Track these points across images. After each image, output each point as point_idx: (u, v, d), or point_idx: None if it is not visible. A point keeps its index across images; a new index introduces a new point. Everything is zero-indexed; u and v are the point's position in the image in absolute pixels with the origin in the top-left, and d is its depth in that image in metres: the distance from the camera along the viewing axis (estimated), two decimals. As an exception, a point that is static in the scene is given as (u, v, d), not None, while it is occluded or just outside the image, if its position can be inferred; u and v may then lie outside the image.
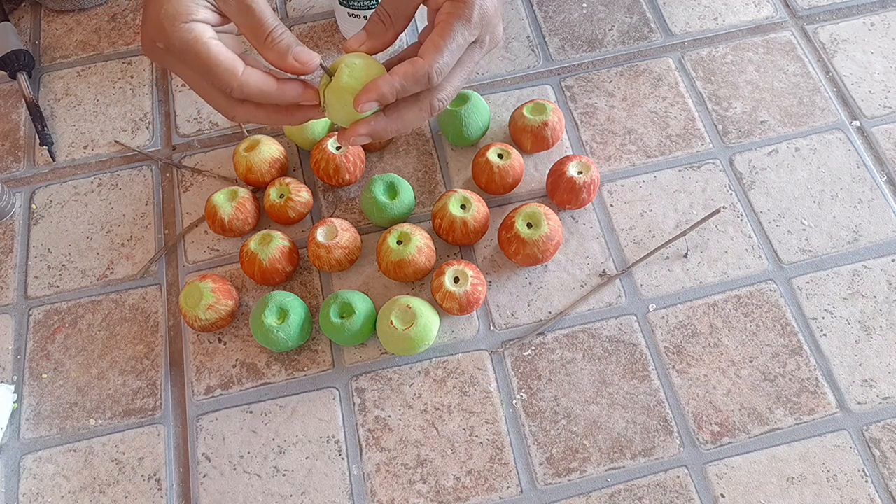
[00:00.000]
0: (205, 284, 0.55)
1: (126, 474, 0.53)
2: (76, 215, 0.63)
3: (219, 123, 0.67)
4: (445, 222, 0.56)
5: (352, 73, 0.44)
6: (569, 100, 0.67)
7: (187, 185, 0.64)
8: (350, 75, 0.44)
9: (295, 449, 0.53)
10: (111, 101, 0.69)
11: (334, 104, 0.45)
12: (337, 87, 0.44)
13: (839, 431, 0.53)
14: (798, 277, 0.58)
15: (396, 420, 0.54)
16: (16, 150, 0.66)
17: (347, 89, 0.44)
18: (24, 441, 0.54)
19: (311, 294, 0.59)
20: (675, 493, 0.51)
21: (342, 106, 0.45)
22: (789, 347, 0.55)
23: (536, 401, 0.54)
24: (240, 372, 0.56)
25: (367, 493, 0.51)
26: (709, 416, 0.53)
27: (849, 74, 0.67)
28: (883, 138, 0.64)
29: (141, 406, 0.55)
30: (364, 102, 0.44)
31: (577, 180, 0.57)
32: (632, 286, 0.58)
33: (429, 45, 0.45)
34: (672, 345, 0.56)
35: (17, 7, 0.75)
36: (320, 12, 0.73)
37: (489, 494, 0.51)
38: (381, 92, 0.44)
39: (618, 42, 0.70)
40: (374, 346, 0.56)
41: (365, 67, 0.45)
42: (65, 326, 0.58)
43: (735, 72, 0.68)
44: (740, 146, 0.64)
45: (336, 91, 0.44)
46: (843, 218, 0.60)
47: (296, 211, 0.59)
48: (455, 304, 0.54)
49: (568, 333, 0.57)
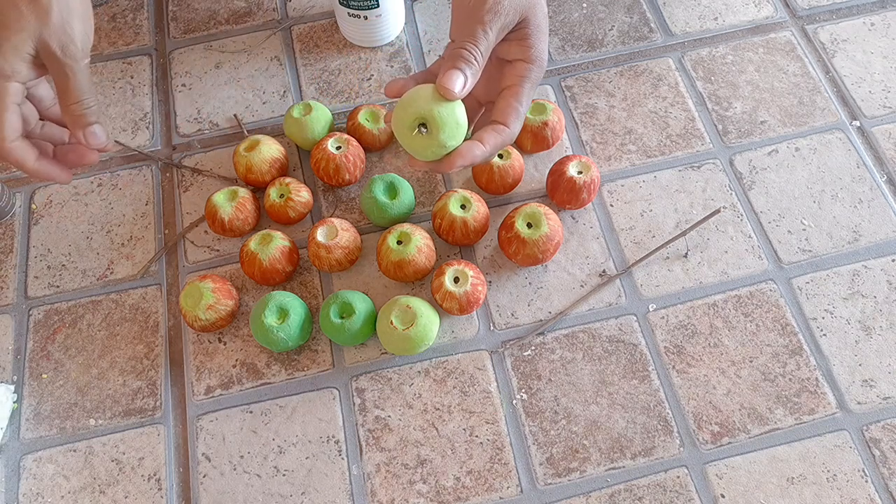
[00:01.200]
0: (205, 284, 0.55)
1: (126, 474, 0.53)
2: (76, 215, 0.63)
3: (219, 123, 0.67)
4: (445, 222, 0.56)
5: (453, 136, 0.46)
6: (569, 100, 0.67)
7: (187, 185, 0.64)
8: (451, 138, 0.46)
9: (295, 449, 0.53)
10: (111, 101, 0.69)
11: (428, 155, 0.47)
12: (440, 147, 0.46)
13: (839, 431, 0.53)
14: (798, 277, 0.58)
15: (396, 420, 0.54)
16: (16, 150, 0.66)
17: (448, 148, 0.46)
18: (24, 441, 0.54)
19: (311, 294, 0.59)
20: (675, 493, 0.51)
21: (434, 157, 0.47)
22: (789, 347, 0.55)
23: (536, 401, 0.54)
24: (240, 372, 0.56)
25: (367, 493, 0.51)
26: (709, 416, 0.53)
27: (849, 74, 0.67)
28: (883, 138, 0.64)
29: (141, 406, 0.55)
30: (458, 167, 0.46)
31: (577, 180, 0.57)
32: (632, 286, 0.58)
33: (509, 112, 0.47)
34: (672, 345, 0.56)
35: (17, 7, 0.75)
36: (320, 12, 0.73)
37: (489, 494, 0.51)
38: (474, 158, 0.47)
39: (618, 42, 0.70)
40: (374, 346, 0.56)
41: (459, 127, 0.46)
42: (65, 326, 0.58)
43: (735, 72, 0.68)
44: (740, 146, 0.64)
45: (437, 150, 0.46)
46: (843, 218, 0.60)
47: (296, 211, 0.59)
48: (455, 304, 0.54)
49: (568, 333, 0.56)
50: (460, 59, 0.45)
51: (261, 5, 0.74)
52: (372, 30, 0.67)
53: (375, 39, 0.69)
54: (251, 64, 0.70)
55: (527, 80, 0.48)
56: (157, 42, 0.72)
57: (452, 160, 0.46)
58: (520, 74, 0.48)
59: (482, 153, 0.47)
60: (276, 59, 0.70)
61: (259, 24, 0.72)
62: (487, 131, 0.47)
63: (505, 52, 0.48)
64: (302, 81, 0.69)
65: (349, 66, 0.69)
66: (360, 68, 0.69)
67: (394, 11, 0.67)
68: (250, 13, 0.73)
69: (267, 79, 0.69)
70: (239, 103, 0.68)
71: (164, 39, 0.72)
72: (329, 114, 0.63)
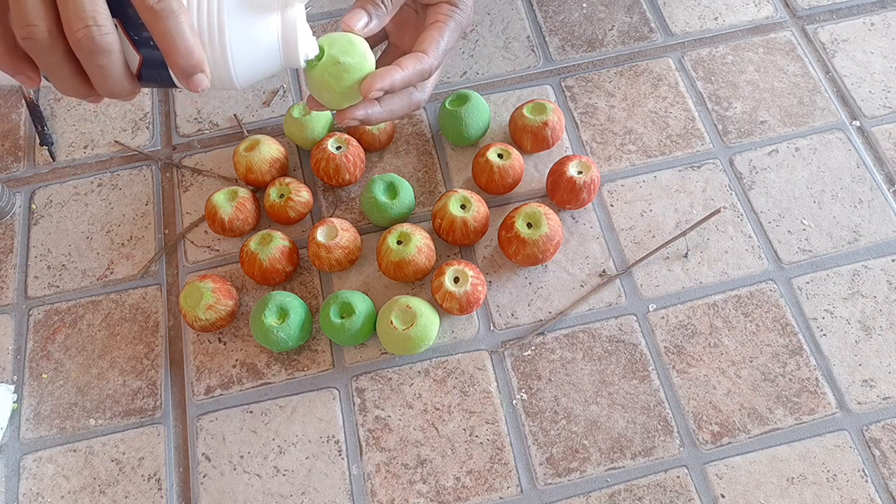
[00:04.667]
0: (205, 284, 0.55)
1: (126, 474, 0.53)
2: (76, 215, 0.63)
3: (219, 123, 0.67)
4: (445, 222, 0.56)
5: (344, 51, 0.43)
6: (569, 100, 0.67)
7: (187, 185, 0.64)
8: (343, 53, 0.43)
9: (295, 449, 0.53)
10: (111, 101, 0.69)
11: (329, 82, 0.44)
12: (335, 66, 0.43)
13: (839, 431, 0.53)
14: (798, 277, 0.58)
15: (396, 420, 0.54)
16: (16, 150, 0.66)
17: (347, 70, 0.44)
18: (24, 441, 0.54)
19: (311, 294, 0.59)
20: (675, 493, 0.51)
21: (336, 85, 0.44)
22: (789, 347, 0.55)
23: (536, 401, 0.54)
24: (240, 372, 0.56)
25: (367, 493, 0.51)
26: (709, 416, 0.53)
27: (849, 74, 0.67)
28: (883, 138, 0.64)
29: (141, 406, 0.55)
30: (375, 90, 0.44)
31: (577, 180, 0.57)
32: (632, 286, 0.58)
33: (430, 42, 0.47)
34: (672, 345, 0.56)
35: (17, 7, 0.75)
36: (320, 12, 0.73)
37: (489, 494, 0.51)
38: (393, 82, 0.45)
39: (618, 42, 0.70)
40: (374, 346, 0.56)
41: (353, 44, 0.44)
42: (65, 326, 0.58)
43: (735, 72, 0.68)
44: (740, 146, 0.64)
45: (332, 70, 0.44)
46: (843, 218, 0.60)
47: (296, 211, 0.59)
48: (455, 304, 0.54)
49: (568, 333, 0.57)
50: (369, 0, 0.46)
51: (261, 5, 0.74)
52: None
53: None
54: (251, 64, 0.70)
55: (450, 20, 0.48)
56: (157, 42, 0.72)
57: (369, 82, 0.44)
58: (444, 13, 0.48)
59: (401, 76, 0.45)
60: (276, 59, 0.70)
61: (259, 24, 0.72)
62: (406, 57, 0.46)
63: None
64: (302, 81, 0.69)
65: (349, 66, 0.69)
66: (360, 68, 0.69)
67: None
68: (250, 13, 0.73)
69: (267, 79, 0.69)
70: (239, 103, 0.68)
71: (164, 39, 0.72)
72: (329, 114, 0.63)
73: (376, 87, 0.44)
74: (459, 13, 0.49)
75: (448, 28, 0.48)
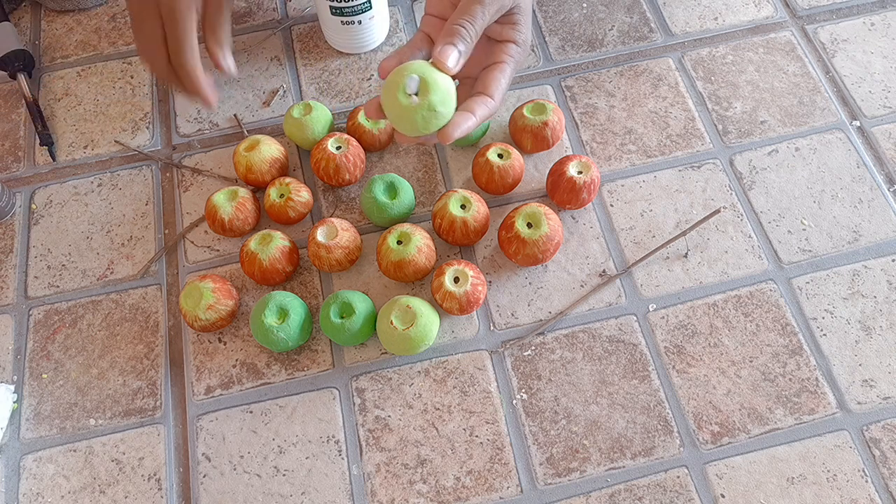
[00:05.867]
0: (205, 284, 0.55)
1: (126, 474, 0.53)
2: (76, 215, 0.63)
3: (218, 123, 0.67)
4: (445, 222, 0.56)
5: (443, 103, 0.46)
6: (569, 100, 0.67)
7: (187, 185, 0.64)
8: (442, 104, 0.46)
9: (295, 449, 0.53)
10: (111, 101, 0.69)
11: (417, 122, 0.46)
12: (430, 112, 0.46)
13: (839, 431, 0.53)
14: (798, 277, 0.58)
15: (396, 420, 0.54)
16: (16, 150, 0.66)
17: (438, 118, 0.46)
18: (24, 441, 0.54)
19: (311, 294, 0.59)
20: (675, 493, 0.51)
21: (423, 127, 0.46)
22: (789, 347, 0.55)
23: (536, 401, 0.54)
24: (240, 372, 0.56)
25: (367, 493, 0.51)
26: (709, 416, 0.53)
27: (849, 74, 0.67)
28: (883, 138, 0.64)
29: (141, 406, 0.55)
30: (454, 138, 0.47)
31: (577, 180, 0.57)
32: (632, 286, 0.58)
33: (496, 86, 0.49)
34: (672, 345, 0.56)
35: (17, 7, 0.75)
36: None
37: (489, 494, 0.51)
38: (467, 129, 0.47)
39: (618, 42, 0.70)
40: (374, 346, 0.56)
41: (451, 95, 0.47)
42: (65, 326, 0.58)
43: (735, 72, 0.68)
44: (740, 146, 0.64)
45: (427, 115, 0.46)
46: (843, 218, 0.60)
47: (296, 211, 0.59)
48: (455, 304, 0.54)
49: (568, 333, 0.57)
50: (457, 35, 0.47)
51: (261, 5, 0.74)
52: (365, 34, 0.67)
53: (368, 43, 0.69)
54: (251, 64, 0.70)
55: (513, 60, 0.50)
56: (157, 42, 0.72)
57: (449, 131, 0.47)
58: (508, 54, 0.50)
59: (473, 123, 0.48)
60: (276, 59, 0.70)
61: (259, 24, 0.73)
62: (476, 102, 0.48)
63: (496, 33, 0.50)
64: (302, 81, 0.69)
65: (349, 66, 0.69)
66: (360, 68, 0.69)
67: (383, 13, 0.67)
68: (250, 13, 0.73)
69: (267, 79, 0.69)
70: (239, 103, 0.68)
71: (164, 39, 0.72)
72: (329, 114, 0.63)
73: (454, 138, 0.47)
74: (521, 54, 0.51)
75: (510, 69, 0.50)
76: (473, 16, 0.47)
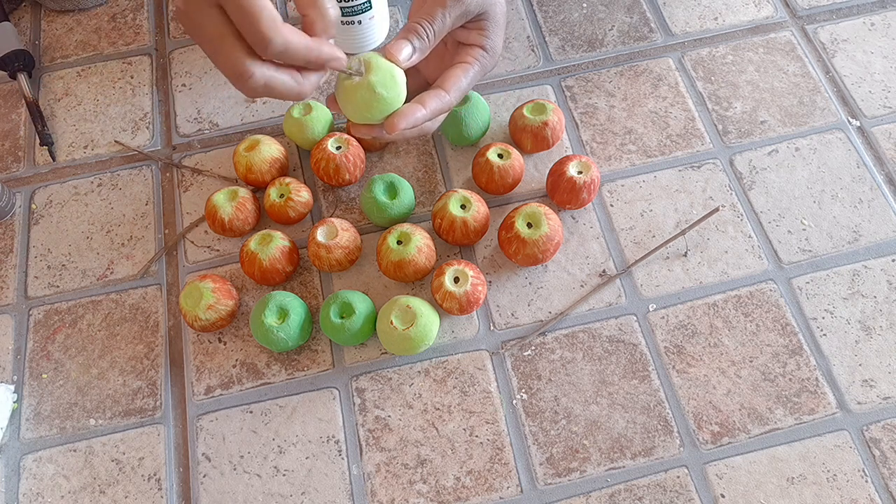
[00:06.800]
0: (205, 284, 0.55)
1: (126, 474, 0.53)
2: (76, 215, 0.63)
3: (218, 123, 0.67)
4: (445, 222, 0.56)
5: (384, 84, 0.46)
6: (569, 100, 0.67)
7: (187, 185, 0.64)
8: (383, 86, 0.46)
9: (295, 449, 0.53)
10: (111, 101, 0.69)
11: (359, 104, 0.47)
12: (370, 93, 0.46)
13: (839, 431, 0.53)
14: (798, 277, 0.58)
15: (396, 420, 0.54)
16: (16, 150, 0.66)
17: (380, 101, 0.47)
18: (24, 441, 0.54)
19: (311, 294, 0.59)
20: (675, 493, 0.51)
21: (366, 111, 0.47)
22: (789, 347, 0.55)
23: (536, 401, 0.54)
24: (240, 372, 0.56)
25: (367, 493, 0.51)
26: (709, 416, 0.53)
27: (849, 74, 0.67)
28: (883, 138, 0.64)
29: (141, 406, 0.55)
30: (398, 130, 0.47)
31: (577, 180, 0.57)
32: (632, 286, 0.58)
33: (454, 83, 0.49)
34: (672, 345, 0.56)
35: (17, 7, 0.75)
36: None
37: (489, 494, 0.51)
38: (416, 120, 0.48)
39: (618, 42, 0.70)
40: (374, 346, 0.56)
41: (394, 79, 0.47)
42: (65, 326, 0.58)
43: (735, 72, 0.68)
44: (740, 146, 0.64)
45: (367, 96, 0.46)
46: (843, 218, 0.60)
47: (296, 211, 0.59)
48: (455, 304, 0.54)
49: (568, 333, 0.57)
50: (413, 31, 0.48)
51: (261, 5, 0.74)
52: (365, 34, 0.67)
53: (368, 43, 0.69)
54: (251, 64, 0.70)
55: (478, 63, 0.51)
56: (157, 42, 0.72)
57: (394, 120, 0.47)
58: (474, 56, 0.51)
59: (423, 115, 0.48)
60: (276, 59, 0.70)
61: (259, 24, 0.72)
62: (429, 95, 0.48)
63: (464, 37, 0.51)
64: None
65: (349, 66, 0.69)
66: (360, 68, 0.69)
67: (383, 12, 0.67)
68: (250, 13, 0.73)
69: (267, 79, 0.69)
70: (239, 103, 0.68)
71: (164, 39, 0.72)
72: (329, 114, 0.63)
73: (400, 128, 0.47)
74: (488, 59, 0.51)
75: (473, 71, 0.50)
76: (433, 17, 0.48)
